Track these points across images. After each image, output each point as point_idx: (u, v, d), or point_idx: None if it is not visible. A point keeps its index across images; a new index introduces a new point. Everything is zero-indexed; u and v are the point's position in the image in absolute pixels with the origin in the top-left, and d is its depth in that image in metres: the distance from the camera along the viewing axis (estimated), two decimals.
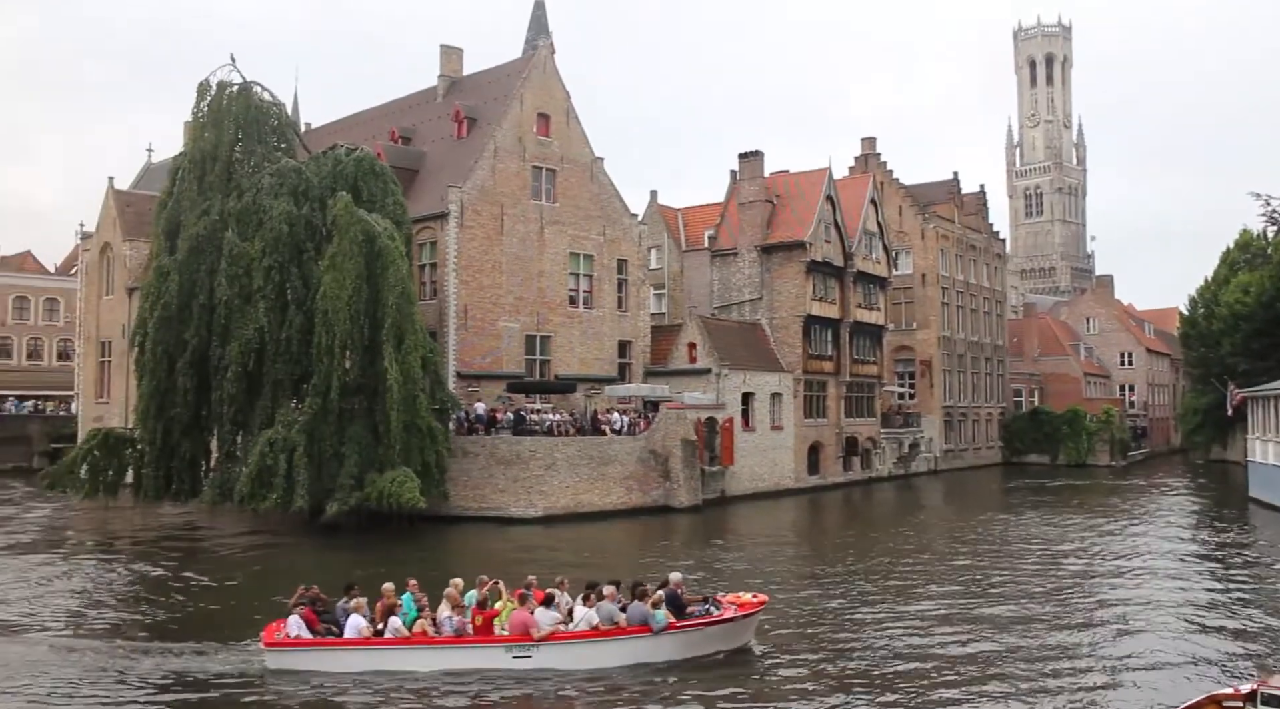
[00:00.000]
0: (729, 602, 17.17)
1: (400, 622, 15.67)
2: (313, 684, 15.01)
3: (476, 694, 14.72)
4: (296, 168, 33.98)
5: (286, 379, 31.79)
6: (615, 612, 15.98)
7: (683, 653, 16.18)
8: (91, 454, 33.90)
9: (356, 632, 15.60)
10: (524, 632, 15.53)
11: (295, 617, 15.68)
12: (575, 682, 15.16)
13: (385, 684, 14.94)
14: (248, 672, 15.67)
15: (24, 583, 23.99)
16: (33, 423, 63.44)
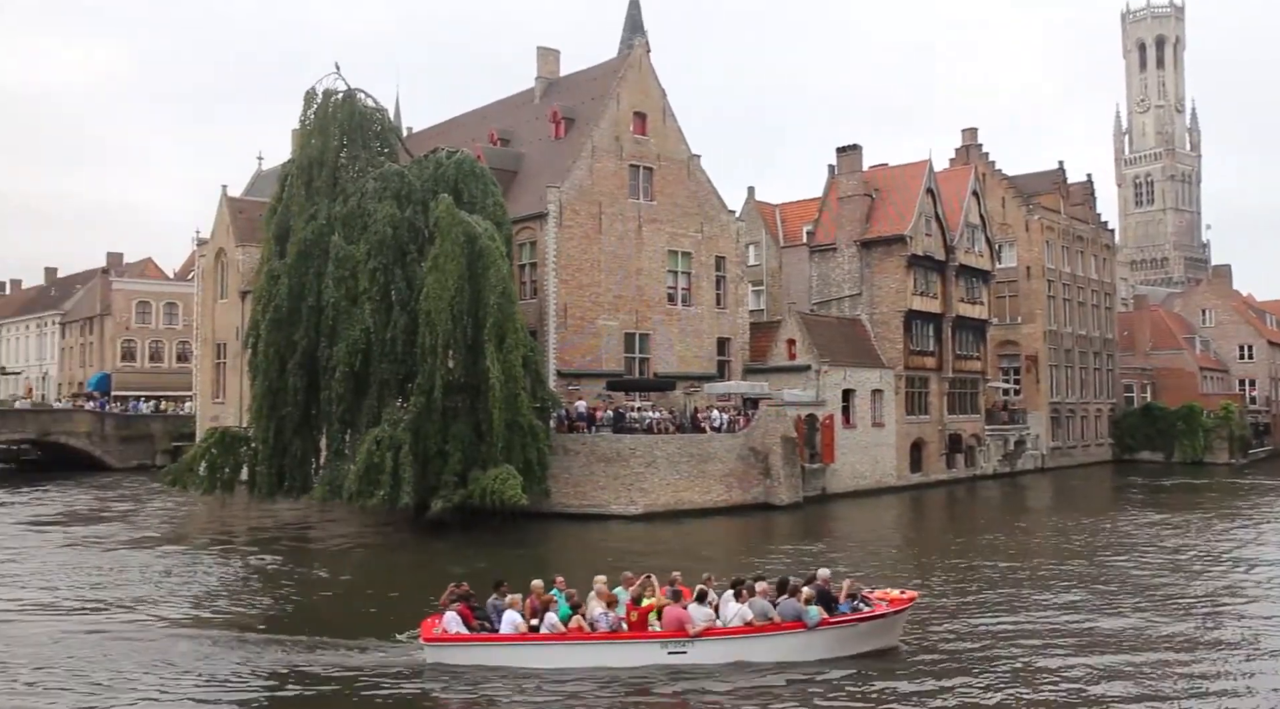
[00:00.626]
0: (878, 598, 17.06)
1: (556, 618, 15.75)
2: (470, 679, 15.14)
3: (632, 689, 14.79)
4: (399, 172, 34.69)
5: (392, 378, 32.48)
6: (769, 608, 15.93)
7: (834, 650, 16.13)
8: (209, 452, 35.03)
9: (513, 628, 15.74)
10: (679, 627, 15.54)
11: (452, 613, 15.87)
12: (729, 677, 15.15)
13: (541, 679, 15.07)
14: (406, 666, 15.89)
15: (162, 576, 24.97)
16: (155, 422, 65.95)
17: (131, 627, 19.19)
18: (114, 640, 17.99)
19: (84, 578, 24.63)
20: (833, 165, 53.35)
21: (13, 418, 63.06)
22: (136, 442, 63.95)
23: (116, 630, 18.84)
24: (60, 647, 17.49)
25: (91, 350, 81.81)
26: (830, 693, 14.73)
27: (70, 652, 17.09)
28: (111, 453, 62.65)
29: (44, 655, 16.82)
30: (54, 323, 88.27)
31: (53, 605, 21.45)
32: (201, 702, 14.49)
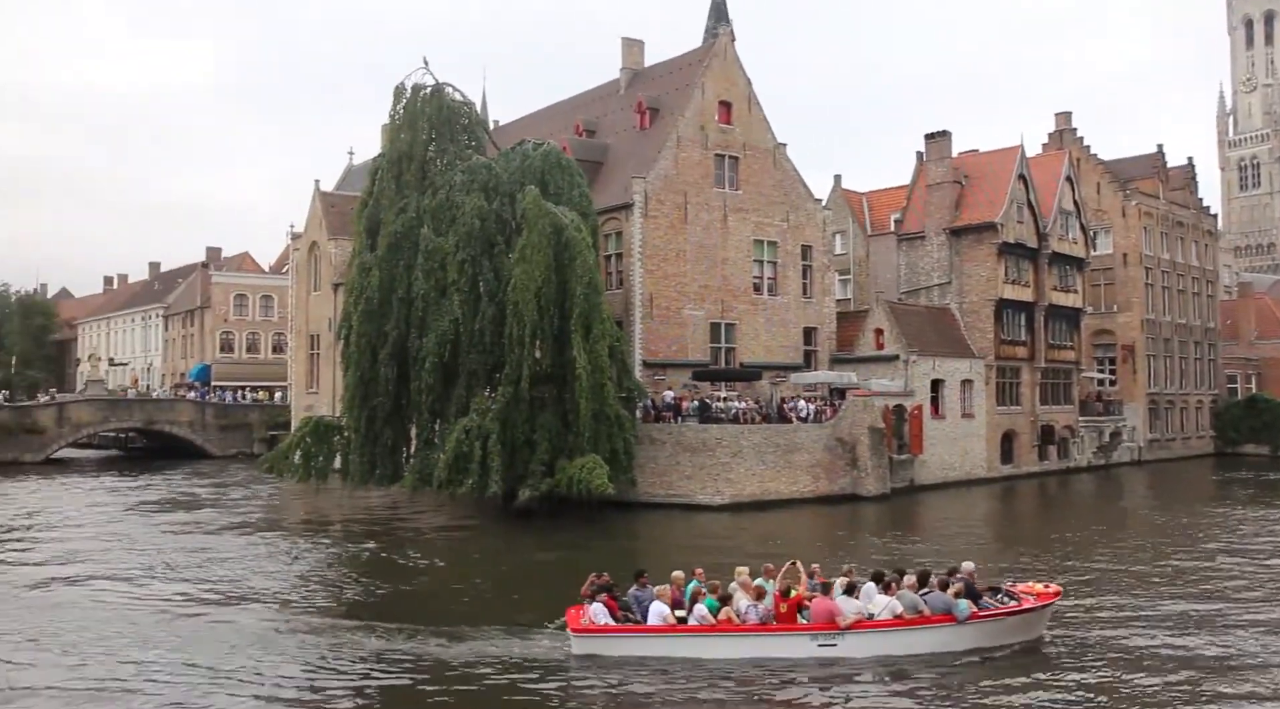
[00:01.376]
0: (1023, 592, 16.92)
1: (705, 609, 15.65)
2: (618, 670, 15.11)
3: (782, 681, 14.72)
4: (487, 164, 35.07)
5: (480, 369, 32.91)
6: (919, 601, 15.83)
7: (981, 643, 16.03)
8: (304, 441, 35.85)
9: (661, 619, 15.67)
10: (829, 620, 15.49)
11: (598, 604, 15.88)
12: (878, 670, 15.09)
13: (689, 671, 14.97)
14: (547, 656, 15.90)
15: (264, 561, 25.69)
16: (252, 412, 67.85)
17: (239, 613, 19.68)
18: (219, 625, 18.52)
19: (189, 562, 25.43)
20: (921, 152, 52.52)
21: (121, 407, 65.61)
22: (235, 430, 65.91)
23: (223, 615, 19.38)
24: (167, 630, 18.01)
25: (192, 342, 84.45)
26: (979, 686, 14.54)
27: (178, 636, 17.57)
28: (212, 441, 64.68)
29: (154, 639, 17.29)
30: (157, 316, 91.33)
31: (159, 590, 22.15)
32: (351, 690, 14.64)
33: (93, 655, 16.23)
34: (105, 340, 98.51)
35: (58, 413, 62.14)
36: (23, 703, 13.96)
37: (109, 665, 15.65)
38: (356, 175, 61.61)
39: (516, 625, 17.63)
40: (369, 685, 14.84)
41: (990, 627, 16.13)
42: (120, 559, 25.95)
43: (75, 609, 19.84)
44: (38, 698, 14.11)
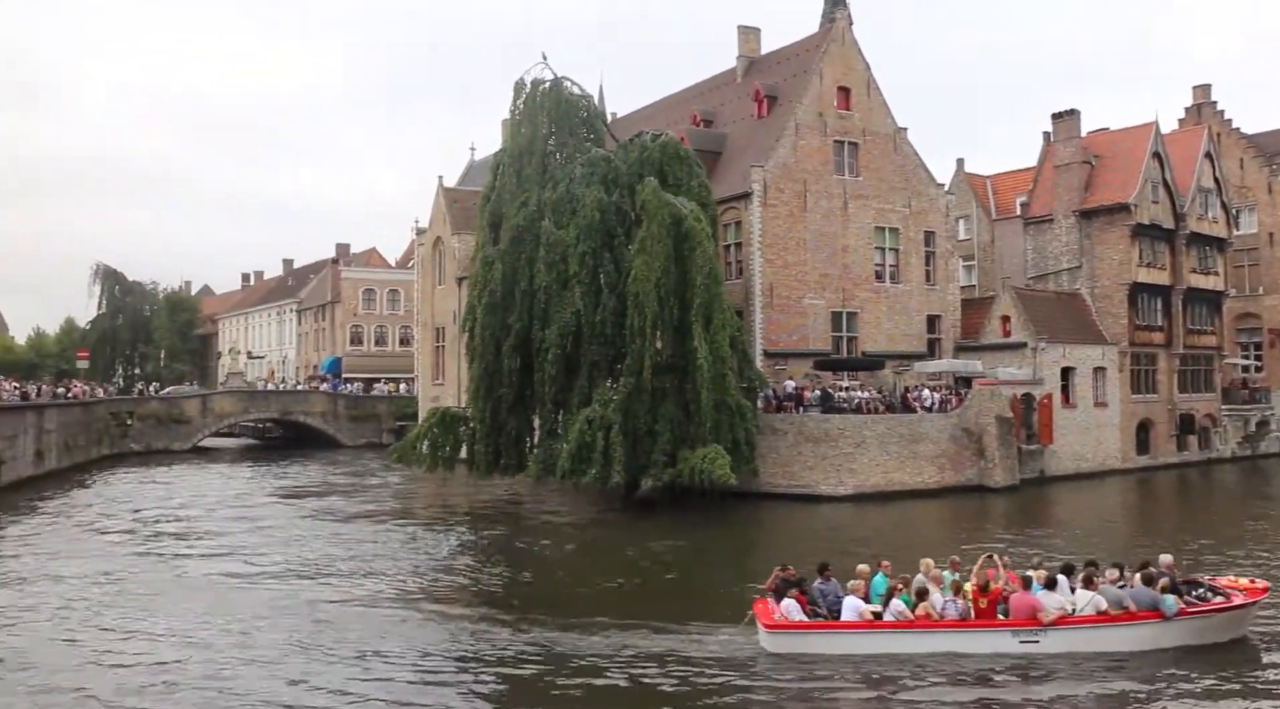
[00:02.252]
0: (1227, 586, 16.33)
1: (902, 604, 15.36)
2: (812, 666, 14.88)
3: (981, 678, 14.43)
4: (606, 157, 35.35)
5: (602, 359, 33.23)
6: (1123, 596, 15.39)
7: (1187, 640, 15.48)
8: (430, 431, 36.73)
9: (856, 614, 15.41)
10: (1030, 615, 15.16)
11: (790, 600, 15.58)
12: (1081, 667, 14.72)
13: (886, 668, 14.74)
14: (736, 651, 15.69)
15: (397, 550, 26.39)
16: (381, 403, 69.89)
17: (376, 599, 20.16)
18: (359, 611, 19.02)
19: (325, 548, 26.38)
20: (1048, 132, 50.88)
21: (259, 399, 68.45)
22: (365, 421, 68.02)
23: (361, 602, 19.92)
24: (305, 616, 18.55)
25: (324, 335, 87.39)
26: (1187, 686, 14.05)
27: (317, 622, 18.08)
28: (343, 431, 66.89)
29: (293, 625, 17.81)
30: (291, 310, 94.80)
31: (296, 576, 22.98)
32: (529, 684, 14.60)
33: (226, 639, 16.89)
34: (244, 334, 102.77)
35: (202, 404, 65.22)
36: (163, 681, 14.59)
37: (241, 649, 16.20)
38: (478, 170, 62.74)
39: (681, 620, 17.41)
40: (534, 678, 14.81)
41: (1198, 624, 15.46)
42: (259, 545, 27.06)
43: (214, 592, 20.83)
44: (177, 680, 14.71)
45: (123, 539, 28.07)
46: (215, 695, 13.91)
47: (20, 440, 43.06)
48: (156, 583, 21.68)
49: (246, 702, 13.68)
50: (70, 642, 16.86)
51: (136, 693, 14.09)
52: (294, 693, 14.05)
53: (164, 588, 21.15)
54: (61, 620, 18.31)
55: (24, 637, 17.21)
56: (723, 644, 16.04)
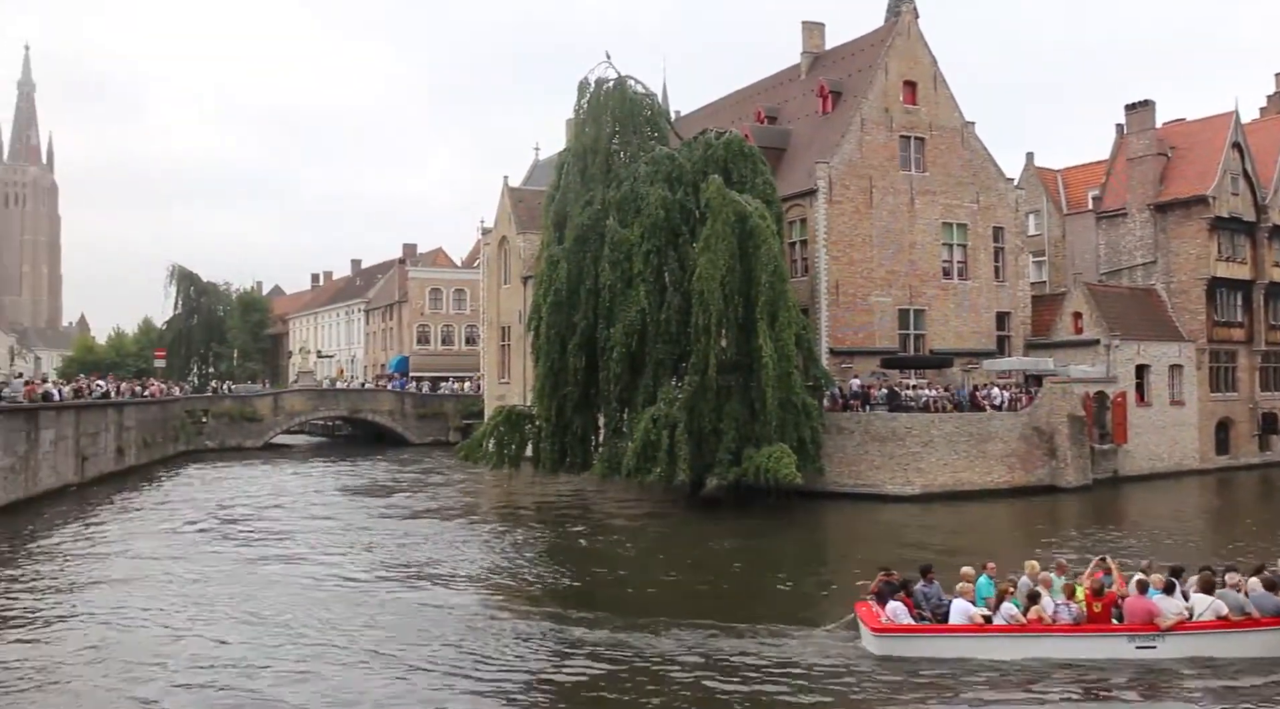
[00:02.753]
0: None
1: (1014, 608, 14.98)
2: (920, 671, 14.56)
3: (1096, 684, 14.07)
4: (670, 155, 35.32)
5: (667, 358, 33.22)
6: (1245, 601, 14.91)
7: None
8: (496, 429, 37.05)
9: (966, 618, 15.08)
10: (1147, 620, 14.75)
11: (896, 603, 15.32)
12: (1199, 673, 14.32)
13: (996, 673, 14.40)
14: (843, 655, 15.37)
15: (474, 546, 26.73)
16: (448, 401, 70.61)
17: (446, 595, 20.34)
18: (427, 609, 19.21)
19: (394, 544, 26.75)
20: (1120, 124, 49.79)
21: (329, 397, 69.62)
22: (432, 419, 68.77)
23: (430, 599, 20.13)
24: (375, 611, 18.78)
25: (391, 335, 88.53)
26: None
27: (394, 615, 18.27)
28: (410, 429, 67.71)
29: (371, 626, 17.93)
30: (359, 310, 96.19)
31: (367, 572, 23.31)
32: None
33: (298, 633, 17.15)
34: (313, 334, 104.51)
35: (274, 402, 66.48)
36: (231, 677, 14.87)
37: (312, 644, 16.43)
38: (543, 170, 63.08)
39: (753, 620, 17.29)
40: (609, 679, 14.76)
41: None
42: (329, 541, 27.50)
43: (284, 586, 21.22)
44: (246, 673, 14.98)
45: (200, 535, 28.72)
46: (287, 692, 14.11)
47: (102, 437, 44.28)
48: (233, 579, 22.11)
49: (317, 700, 13.84)
50: (153, 636, 17.27)
51: (214, 690, 14.39)
52: (365, 692, 14.15)
53: (240, 584, 21.56)
54: (144, 615, 18.75)
55: (106, 631, 17.65)
56: (814, 646, 15.78)
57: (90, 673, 15.10)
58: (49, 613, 19.04)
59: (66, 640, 16.97)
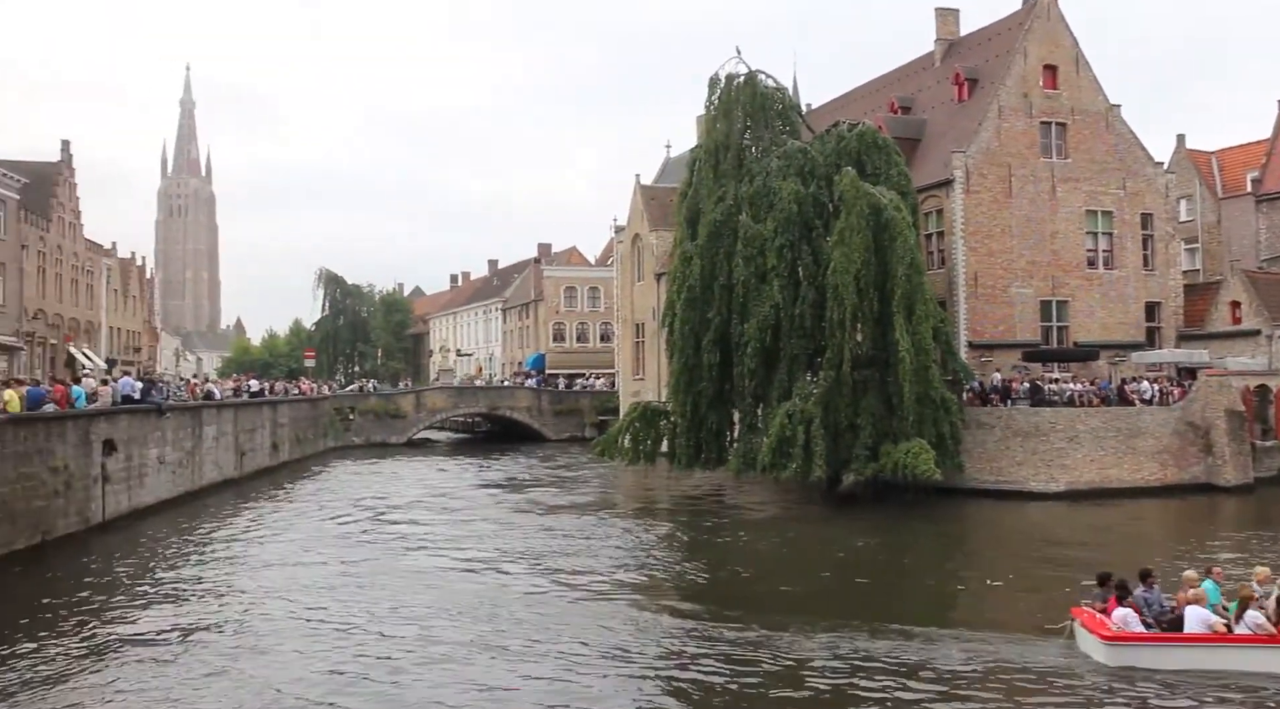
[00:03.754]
0: None
1: (1261, 617, 14.10)
2: (1156, 682, 13.78)
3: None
4: (802, 148, 35.11)
5: (801, 353, 33.06)
6: None
7: None
8: (632, 425, 37.42)
9: (1206, 627, 14.19)
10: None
11: (1125, 610, 14.61)
12: None
13: (1241, 685, 13.56)
14: (1063, 664, 14.68)
15: (614, 540, 27.15)
16: (583, 397, 71.56)
17: (584, 593, 20.49)
18: (565, 604, 19.46)
19: (534, 539, 27.34)
20: None
21: (469, 394, 71.47)
22: (568, 415, 69.82)
23: (569, 596, 20.37)
24: (517, 610, 18.93)
25: (528, 333, 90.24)
26: None
27: (534, 616, 18.35)
28: (547, 425, 68.92)
29: (511, 619, 18.22)
30: (497, 309, 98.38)
31: (509, 567, 23.85)
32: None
33: (440, 626, 17.61)
34: (453, 333, 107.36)
35: (416, 399, 68.60)
36: (375, 668, 15.36)
37: (454, 640, 16.76)
38: (674, 167, 63.36)
39: (903, 620, 16.86)
40: (754, 680, 14.53)
41: None
42: (470, 534, 28.29)
43: (427, 579, 21.93)
44: (391, 667, 15.42)
45: (348, 527, 29.94)
46: (425, 686, 14.47)
47: (258, 434, 46.54)
48: (379, 571, 22.95)
49: (452, 692, 14.15)
50: (302, 625, 18.07)
51: (358, 678, 14.95)
52: (501, 686, 14.39)
53: (386, 575, 22.38)
54: (293, 605, 19.63)
55: (258, 618, 18.63)
56: (1016, 650, 15.15)
57: (239, 663, 15.91)
58: (207, 597, 20.26)
59: (220, 624, 18.03)
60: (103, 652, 16.31)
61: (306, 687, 14.43)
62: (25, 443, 25.13)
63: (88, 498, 28.54)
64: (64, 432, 27.36)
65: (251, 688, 14.38)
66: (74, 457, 27.71)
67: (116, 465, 30.43)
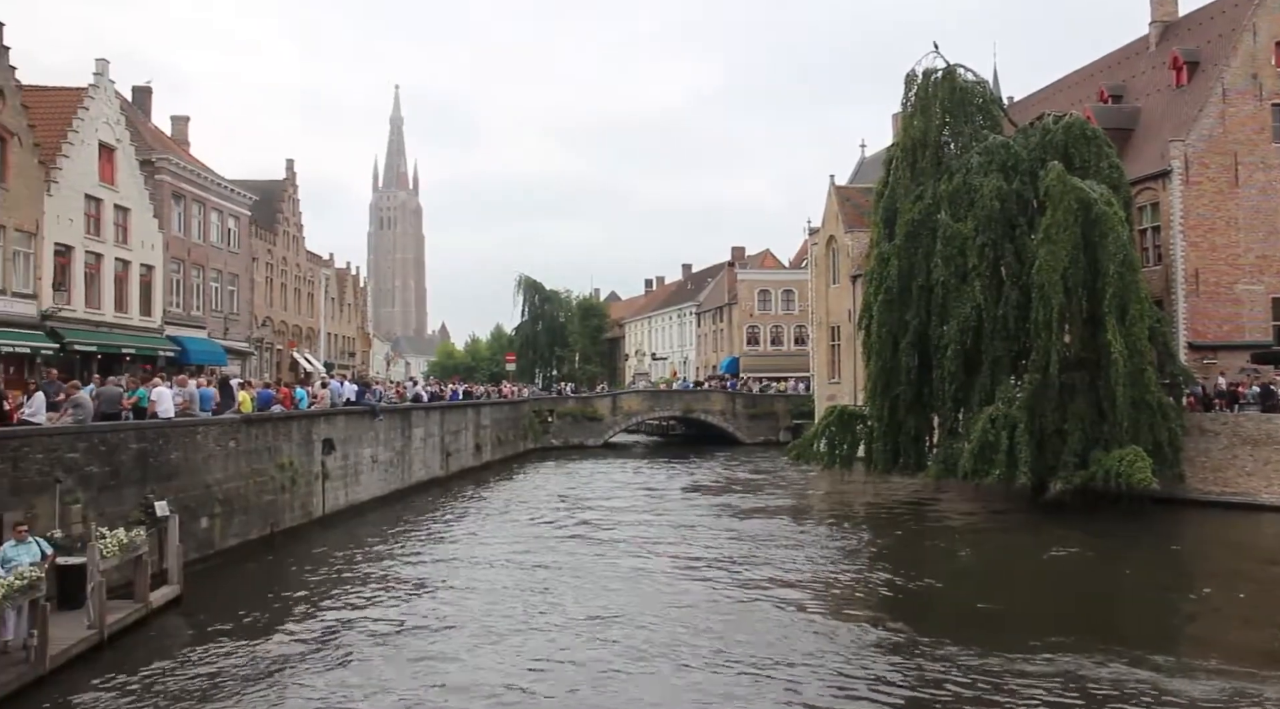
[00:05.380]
0: None
1: None
2: None
3: None
4: (1004, 143, 33.82)
5: (1004, 355, 31.84)
6: None
7: None
8: (828, 429, 36.98)
9: None
10: None
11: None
12: None
13: None
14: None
15: (814, 547, 26.92)
16: (778, 401, 71.29)
17: (779, 601, 20.15)
18: (759, 612, 19.18)
19: (728, 545, 27.32)
20: None
21: (663, 398, 72.43)
22: (762, 419, 69.69)
23: (764, 603, 20.13)
24: (711, 617, 18.91)
25: (722, 336, 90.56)
26: None
27: (729, 625, 18.13)
28: (741, 429, 68.96)
29: (707, 627, 18.18)
30: (690, 313, 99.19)
31: (709, 572, 23.88)
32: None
33: (633, 630, 17.71)
34: (647, 337, 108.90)
35: (612, 402, 69.98)
36: (569, 668, 15.75)
37: (646, 644, 16.77)
38: (869, 167, 62.29)
39: (1144, 646, 15.76)
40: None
41: None
42: (666, 538, 28.49)
43: (622, 581, 22.21)
44: (586, 667, 15.73)
45: (548, 527, 30.80)
46: (614, 692, 14.61)
47: (463, 435, 48.51)
48: (577, 572, 23.40)
49: (644, 699, 14.28)
50: (502, 624, 18.60)
51: (555, 678, 15.38)
52: (687, 696, 14.32)
53: (583, 577, 22.82)
54: (494, 604, 20.28)
55: (464, 612, 19.38)
56: (1263, 690, 13.73)
57: (448, 656, 16.61)
58: (418, 591, 21.30)
59: (429, 617, 18.90)
60: (328, 635, 17.61)
61: (506, 683, 14.91)
62: (256, 441, 27.12)
63: (310, 493, 30.50)
64: (289, 431, 29.39)
65: (459, 681, 14.98)
66: (298, 454, 29.70)
67: (335, 463, 32.39)
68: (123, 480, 20.89)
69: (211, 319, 48.34)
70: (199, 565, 22.11)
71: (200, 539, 23.42)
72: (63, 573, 16.58)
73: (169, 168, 44.72)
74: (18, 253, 33.55)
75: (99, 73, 39.32)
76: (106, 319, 38.66)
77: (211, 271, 48.97)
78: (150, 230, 42.13)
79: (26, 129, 33.64)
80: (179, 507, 21.46)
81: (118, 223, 39.73)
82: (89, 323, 37.33)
